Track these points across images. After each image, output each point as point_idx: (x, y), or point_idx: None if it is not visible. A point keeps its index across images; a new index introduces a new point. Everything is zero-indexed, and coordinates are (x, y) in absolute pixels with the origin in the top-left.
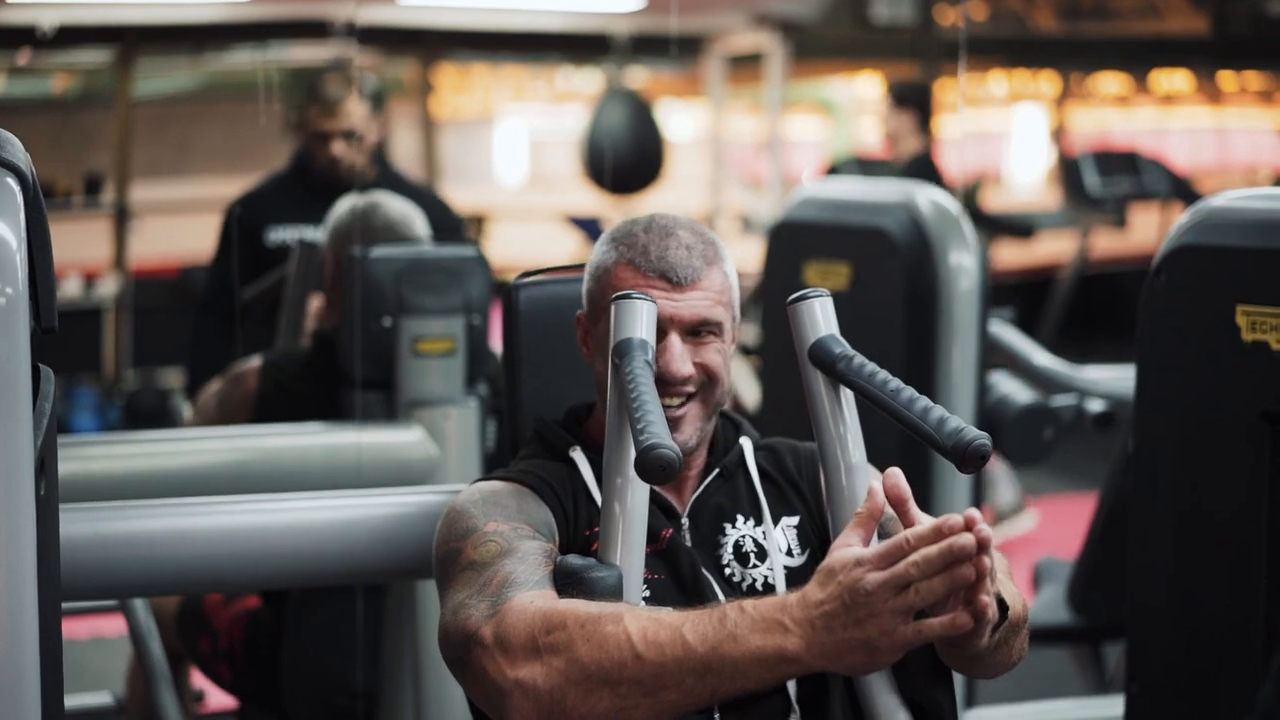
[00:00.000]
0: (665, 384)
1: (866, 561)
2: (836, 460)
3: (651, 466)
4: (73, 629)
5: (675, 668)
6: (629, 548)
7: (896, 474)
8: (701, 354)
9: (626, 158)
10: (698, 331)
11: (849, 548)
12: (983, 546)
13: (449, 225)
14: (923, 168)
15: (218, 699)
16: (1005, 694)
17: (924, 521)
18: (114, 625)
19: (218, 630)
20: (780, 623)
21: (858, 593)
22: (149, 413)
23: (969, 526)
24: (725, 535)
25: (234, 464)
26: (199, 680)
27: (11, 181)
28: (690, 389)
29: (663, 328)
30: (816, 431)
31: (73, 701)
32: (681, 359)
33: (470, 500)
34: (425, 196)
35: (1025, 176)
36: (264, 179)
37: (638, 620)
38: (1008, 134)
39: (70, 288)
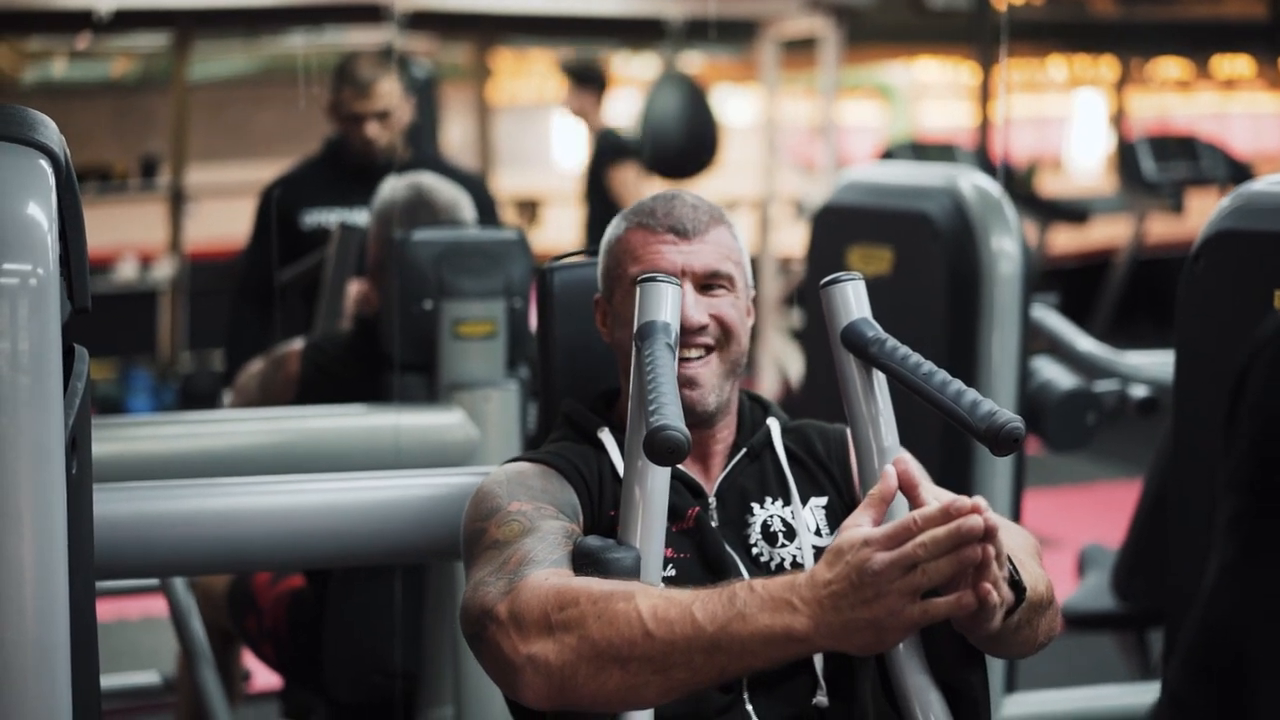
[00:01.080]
0: (682, 333)
1: (874, 542)
2: (869, 443)
3: (659, 448)
4: (124, 608)
5: (684, 645)
6: (648, 530)
7: (907, 459)
8: (715, 306)
9: (681, 142)
10: (710, 285)
11: (858, 528)
12: (989, 532)
13: (484, 206)
14: (612, 136)
15: (264, 679)
16: (1051, 679)
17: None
18: (165, 605)
19: (263, 609)
20: (788, 602)
21: (865, 572)
22: (204, 395)
23: (976, 511)
24: (753, 515)
25: (275, 445)
26: (249, 660)
27: (44, 163)
28: (708, 340)
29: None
30: (849, 414)
31: (121, 680)
32: (695, 307)
33: (497, 481)
34: (461, 177)
35: (1084, 161)
36: (297, 163)
37: (649, 598)
38: (1067, 118)
39: (126, 270)
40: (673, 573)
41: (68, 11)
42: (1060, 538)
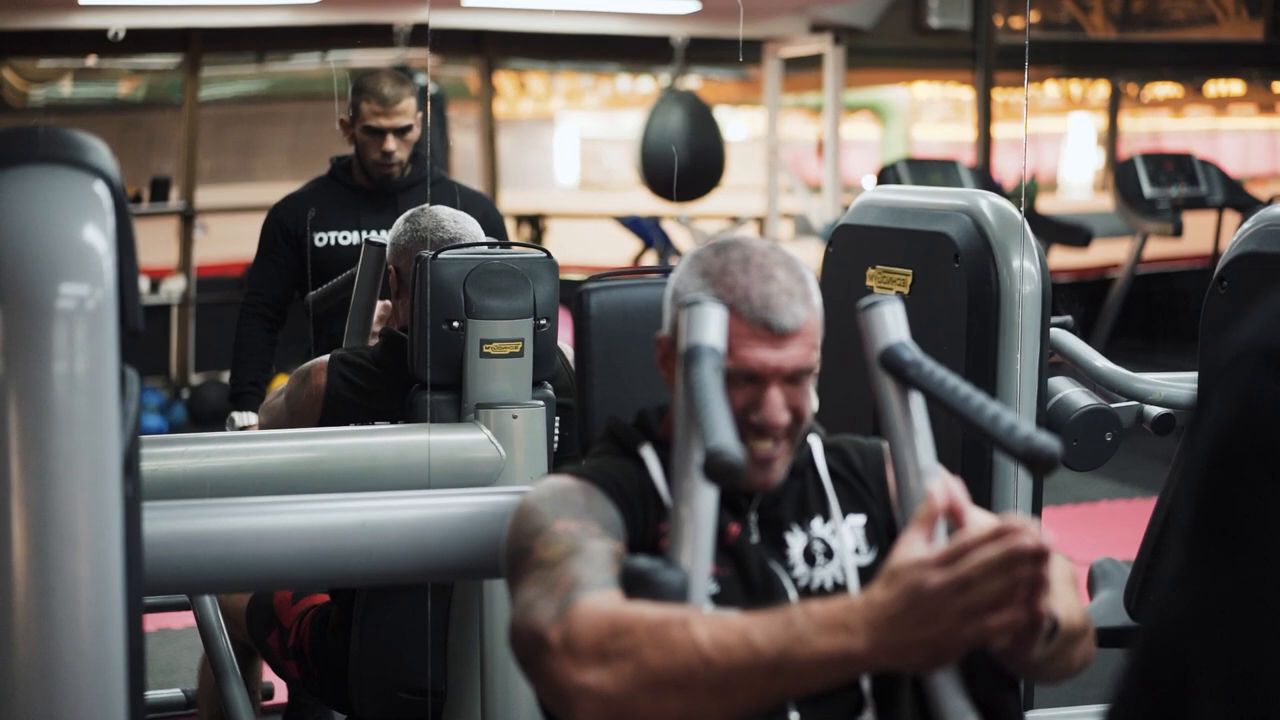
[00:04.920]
0: (760, 431)
1: (929, 563)
2: (907, 464)
3: (719, 471)
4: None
5: (744, 671)
6: (697, 550)
7: (952, 482)
8: (795, 396)
9: (688, 164)
10: (795, 378)
11: (911, 549)
12: (1040, 553)
13: (493, 226)
14: None
15: (284, 694)
16: (1064, 697)
17: (982, 525)
18: (179, 620)
19: (286, 627)
20: (846, 624)
21: (922, 593)
22: (211, 408)
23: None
24: (793, 533)
25: (306, 464)
26: (270, 675)
27: (100, 188)
28: (782, 434)
29: (764, 378)
30: (888, 434)
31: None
32: (782, 410)
33: (540, 498)
34: (470, 198)
35: (1078, 181)
36: (306, 183)
37: (704, 624)
38: (1061, 138)
39: None
40: (716, 589)
41: (80, 31)
42: (1069, 554)
